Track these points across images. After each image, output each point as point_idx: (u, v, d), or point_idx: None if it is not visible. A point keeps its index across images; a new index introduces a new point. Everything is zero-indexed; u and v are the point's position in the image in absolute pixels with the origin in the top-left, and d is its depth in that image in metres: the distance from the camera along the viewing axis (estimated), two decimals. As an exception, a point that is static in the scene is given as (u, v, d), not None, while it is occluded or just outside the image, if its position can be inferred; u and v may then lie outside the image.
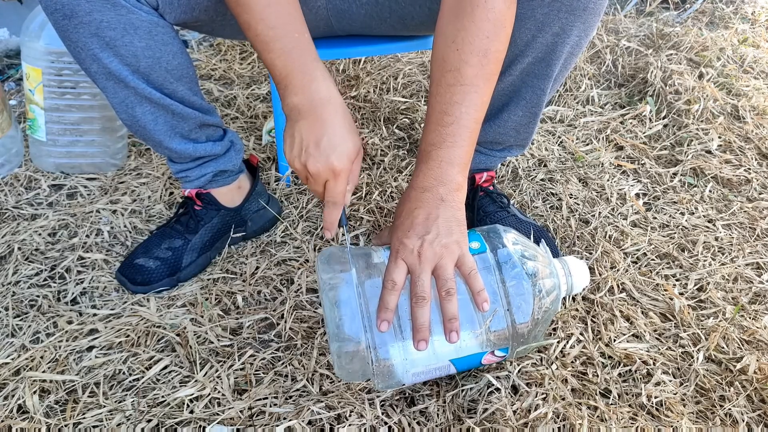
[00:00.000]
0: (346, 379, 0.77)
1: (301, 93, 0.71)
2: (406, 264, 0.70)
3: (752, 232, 1.15)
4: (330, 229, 0.76)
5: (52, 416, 0.78)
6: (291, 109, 0.73)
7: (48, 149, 1.20)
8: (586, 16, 0.80)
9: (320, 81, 0.72)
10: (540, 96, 0.90)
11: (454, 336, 0.69)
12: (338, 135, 0.71)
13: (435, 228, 0.70)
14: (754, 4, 2.23)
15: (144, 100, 0.84)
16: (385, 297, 0.69)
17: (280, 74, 0.72)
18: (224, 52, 1.75)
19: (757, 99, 1.55)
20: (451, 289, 0.69)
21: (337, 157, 0.71)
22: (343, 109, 0.73)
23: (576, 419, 0.77)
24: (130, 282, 0.95)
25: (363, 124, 1.42)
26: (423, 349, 0.68)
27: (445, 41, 0.72)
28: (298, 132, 0.72)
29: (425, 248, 0.69)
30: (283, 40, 0.71)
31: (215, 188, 1.00)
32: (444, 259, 0.69)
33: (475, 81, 0.72)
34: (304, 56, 0.72)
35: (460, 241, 0.71)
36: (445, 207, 0.71)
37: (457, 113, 0.72)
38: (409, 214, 0.72)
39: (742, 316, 0.95)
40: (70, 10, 0.74)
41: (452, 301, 0.69)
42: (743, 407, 0.81)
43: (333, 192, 0.73)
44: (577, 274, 0.80)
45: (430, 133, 0.74)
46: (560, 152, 1.36)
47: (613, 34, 1.87)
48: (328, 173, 0.72)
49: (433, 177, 0.72)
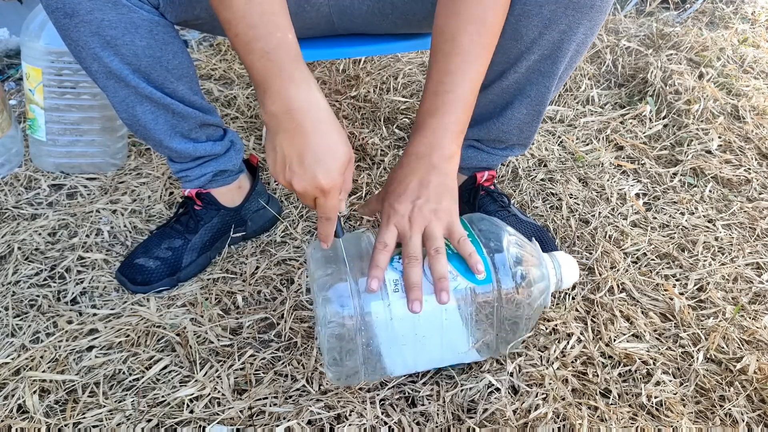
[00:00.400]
0: (338, 380, 0.77)
1: (279, 99, 0.65)
2: (397, 228, 0.71)
3: (752, 232, 1.15)
4: (326, 242, 0.74)
5: (52, 416, 0.78)
6: (270, 117, 0.67)
7: (48, 149, 1.20)
8: (592, 14, 0.80)
9: (300, 85, 0.66)
10: (545, 94, 0.90)
11: (444, 296, 0.68)
12: (323, 147, 0.66)
13: (425, 194, 0.71)
14: (754, 4, 2.23)
15: (144, 100, 0.84)
16: (375, 256, 0.70)
17: (258, 77, 0.66)
18: (224, 52, 1.75)
19: (757, 99, 1.55)
20: (440, 248, 0.70)
21: (324, 174, 0.66)
22: (326, 114, 0.67)
23: (576, 419, 0.77)
24: (130, 282, 0.95)
25: (363, 124, 1.42)
26: (417, 310, 0.68)
27: (445, 12, 0.73)
28: (279, 145, 0.67)
29: (415, 212, 0.70)
30: (263, 40, 0.65)
31: (215, 188, 1.00)
32: (433, 223, 0.71)
33: (471, 50, 0.72)
34: (285, 58, 0.66)
35: (451, 208, 0.72)
36: (437, 173, 0.72)
37: (453, 82, 0.72)
38: (401, 180, 0.73)
39: (742, 316, 0.95)
40: (71, 8, 0.74)
41: (441, 260, 0.69)
42: (743, 407, 0.81)
43: (324, 208, 0.70)
44: (567, 268, 0.80)
45: (426, 101, 0.74)
46: (560, 152, 1.36)
47: (613, 34, 1.87)
48: (316, 191, 0.67)
49: (427, 144, 0.73)
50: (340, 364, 0.73)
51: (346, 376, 0.75)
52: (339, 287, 0.71)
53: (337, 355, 0.72)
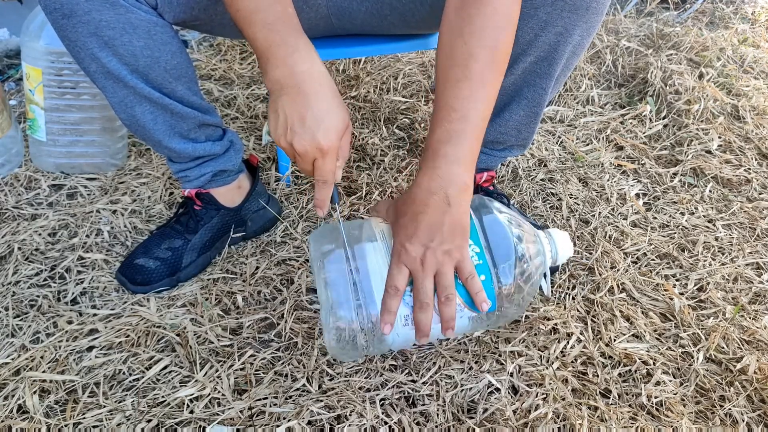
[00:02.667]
0: (339, 356, 0.80)
1: (283, 66, 0.68)
2: (408, 269, 0.71)
3: (752, 232, 1.15)
4: (322, 207, 0.75)
5: (52, 416, 0.78)
6: (273, 83, 0.70)
7: (48, 149, 1.20)
8: (588, 16, 0.80)
9: (302, 52, 0.69)
10: (542, 95, 0.90)
11: (450, 333, 0.73)
12: (323, 109, 0.69)
13: (439, 235, 0.70)
14: (754, 4, 2.23)
15: (143, 100, 0.84)
16: (387, 301, 0.71)
17: (262, 47, 0.69)
18: (224, 52, 1.75)
19: (757, 99, 1.55)
20: (451, 295, 0.71)
21: (323, 134, 0.68)
22: (327, 81, 0.70)
23: (576, 419, 0.77)
24: (130, 282, 0.95)
25: (363, 124, 1.42)
26: (424, 343, 0.72)
27: (452, 34, 0.71)
28: (281, 108, 0.69)
29: (428, 256, 0.70)
30: (264, 12, 0.68)
31: (215, 188, 1.00)
32: (445, 266, 0.71)
33: (483, 76, 0.70)
34: (287, 28, 0.69)
35: (461, 246, 0.72)
36: (451, 213, 0.70)
37: (465, 109, 0.70)
38: (413, 218, 0.71)
39: (742, 316, 0.94)
40: (69, 9, 0.74)
41: (451, 306, 0.71)
42: (743, 407, 0.81)
43: (322, 170, 0.71)
44: (561, 244, 0.81)
45: (437, 129, 0.72)
46: (560, 152, 1.36)
47: (613, 34, 1.87)
48: (316, 152, 0.69)
49: (440, 177, 0.71)
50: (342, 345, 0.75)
51: (347, 351, 0.76)
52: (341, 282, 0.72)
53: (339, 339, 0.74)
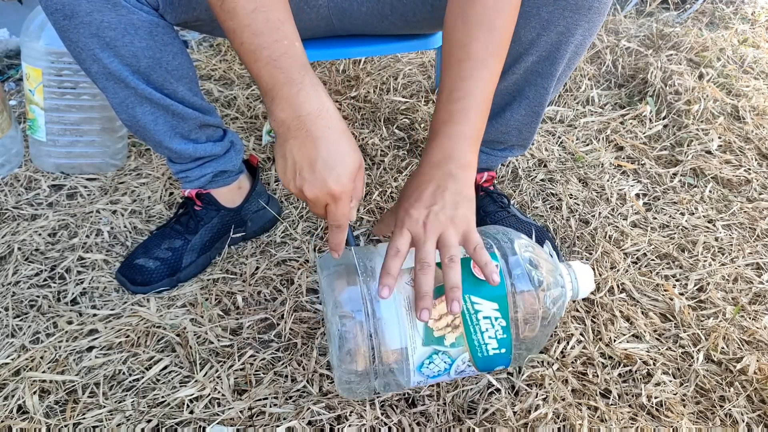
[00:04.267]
0: (348, 394, 0.76)
1: (288, 107, 0.65)
2: (410, 233, 0.69)
3: (752, 233, 1.15)
4: (337, 251, 0.72)
5: (52, 416, 0.78)
6: (279, 125, 0.66)
7: (48, 149, 1.20)
8: (590, 16, 0.80)
9: (309, 91, 0.65)
10: (543, 95, 0.90)
11: (456, 305, 0.66)
12: (334, 153, 0.65)
13: (442, 200, 0.69)
14: (754, 4, 2.23)
15: (144, 101, 0.84)
16: (387, 263, 0.68)
17: (267, 85, 0.66)
18: (224, 52, 1.75)
19: (757, 99, 1.55)
20: (454, 257, 0.67)
21: (335, 180, 0.65)
22: (337, 121, 0.67)
23: (576, 419, 0.77)
24: (130, 282, 0.95)
25: (363, 124, 1.42)
26: (426, 319, 0.66)
27: (454, 17, 0.72)
28: (289, 152, 0.66)
29: (431, 218, 0.68)
30: (270, 48, 0.65)
31: (215, 188, 1.00)
32: (448, 230, 0.68)
33: (483, 56, 0.70)
34: (293, 65, 0.65)
35: (468, 216, 0.69)
36: (454, 181, 0.69)
37: (466, 89, 0.70)
38: (417, 187, 0.71)
39: (742, 317, 0.95)
40: (70, 10, 0.74)
41: (455, 269, 0.66)
42: (743, 407, 0.81)
43: (335, 216, 0.68)
44: (583, 281, 0.78)
45: (440, 110, 0.72)
46: (560, 152, 1.36)
47: (613, 34, 1.87)
48: (328, 198, 0.66)
49: (443, 152, 0.71)
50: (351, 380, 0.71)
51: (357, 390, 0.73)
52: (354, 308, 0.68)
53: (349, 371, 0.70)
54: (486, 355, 0.72)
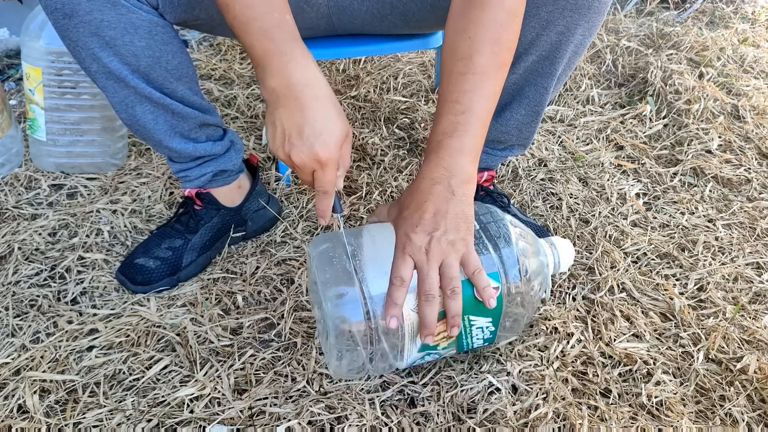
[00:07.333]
0: (341, 374, 0.78)
1: (279, 75, 0.67)
2: (413, 260, 0.70)
3: (752, 232, 1.15)
4: (324, 217, 0.74)
5: (52, 416, 0.78)
6: (270, 93, 0.68)
7: (48, 149, 1.20)
8: (590, 15, 0.80)
9: (299, 61, 0.67)
10: (543, 95, 0.90)
11: (456, 330, 0.71)
12: (321, 121, 0.67)
13: (443, 224, 0.69)
14: (754, 4, 2.23)
15: (144, 100, 0.84)
16: (393, 293, 0.69)
17: (258, 56, 0.68)
18: (224, 52, 1.75)
19: (757, 99, 1.55)
20: (456, 288, 0.69)
21: (321, 146, 0.67)
22: (325, 90, 0.69)
23: (576, 419, 0.77)
24: (130, 282, 0.95)
25: (363, 124, 1.42)
26: (429, 342, 0.70)
27: (456, 31, 0.71)
28: (278, 119, 0.68)
29: (433, 245, 0.68)
30: (261, 19, 0.67)
31: (215, 188, 1.00)
32: (450, 257, 0.69)
33: (487, 70, 0.70)
34: (283, 36, 0.68)
35: (466, 238, 0.70)
36: (455, 202, 0.70)
37: (469, 102, 0.70)
38: (417, 207, 0.71)
39: (742, 316, 0.95)
40: (70, 9, 0.74)
41: (457, 300, 0.69)
42: (743, 407, 0.81)
43: (321, 182, 0.70)
44: (563, 253, 0.80)
45: (441, 122, 0.72)
46: (560, 152, 1.36)
47: (613, 34, 1.87)
48: (314, 164, 0.68)
49: (444, 167, 0.71)
50: (344, 361, 0.73)
51: (350, 372, 0.76)
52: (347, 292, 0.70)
53: (342, 353, 0.72)
54: (471, 348, 0.78)
